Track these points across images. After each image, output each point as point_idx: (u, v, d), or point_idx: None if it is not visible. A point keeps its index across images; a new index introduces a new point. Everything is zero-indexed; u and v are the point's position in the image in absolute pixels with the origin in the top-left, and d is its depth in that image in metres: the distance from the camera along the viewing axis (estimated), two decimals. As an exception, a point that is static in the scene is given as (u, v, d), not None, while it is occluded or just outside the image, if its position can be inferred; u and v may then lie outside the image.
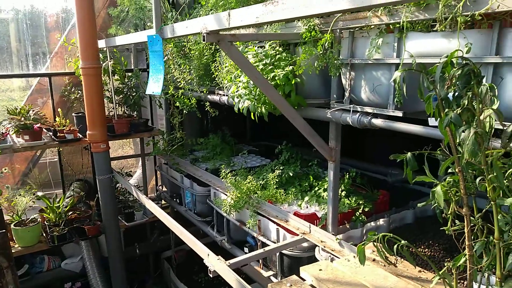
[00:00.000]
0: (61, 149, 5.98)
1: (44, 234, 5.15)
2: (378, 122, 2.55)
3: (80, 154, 6.43)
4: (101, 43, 5.05)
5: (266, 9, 1.99)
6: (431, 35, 2.18)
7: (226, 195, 4.13)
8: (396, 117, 2.46)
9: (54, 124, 5.40)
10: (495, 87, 1.47)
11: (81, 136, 5.30)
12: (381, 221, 3.36)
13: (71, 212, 5.32)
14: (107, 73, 5.38)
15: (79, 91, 5.70)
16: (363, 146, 5.31)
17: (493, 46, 1.89)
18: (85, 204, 5.96)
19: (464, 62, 1.42)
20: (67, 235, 5.08)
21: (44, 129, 5.24)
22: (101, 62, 5.13)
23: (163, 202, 6.28)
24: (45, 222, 5.12)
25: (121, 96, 5.63)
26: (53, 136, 5.20)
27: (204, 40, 2.55)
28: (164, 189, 6.14)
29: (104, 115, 5.13)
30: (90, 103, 4.97)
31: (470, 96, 1.41)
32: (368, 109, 2.63)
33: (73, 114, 5.67)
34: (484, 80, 1.94)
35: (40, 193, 5.48)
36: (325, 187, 3.70)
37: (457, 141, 1.48)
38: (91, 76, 4.89)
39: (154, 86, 3.24)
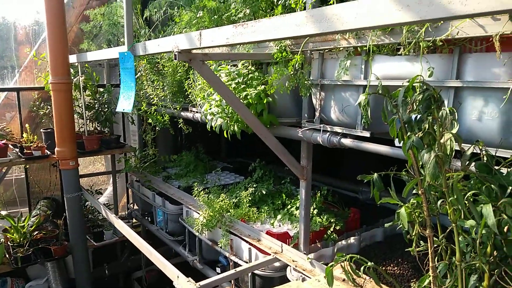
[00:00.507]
0: (28, 166, 5.77)
1: (7, 255, 4.91)
2: (347, 142, 2.59)
3: (48, 171, 6.22)
4: (73, 58, 4.96)
5: (236, 31, 2.00)
6: (396, 59, 2.25)
7: (199, 213, 4.07)
8: (364, 137, 2.51)
9: (21, 140, 5.21)
10: (455, 111, 1.53)
11: (49, 153, 5.14)
12: (351, 240, 3.38)
13: (36, 232, 5.10)
14: (78, 89, 5.27)
15: (49, 107, 5.55)
16: (335, 163, 5.38)
17: (454, 70, 1.97)
18: (52, 223, 5.74)
19: (425, 87, 1.47)
20: (32, 256, 4.86)
21: (10, 145, 5.06)
22: (72, 77, 5.03)
23: (134, 220, 6.13)
24: (9, 243, 4.89)
25: (92, 112, 5.52)
26: (19, 153, 5.01)
27: (175, 59, 2.55)
28: (136, 207, 5.99)
29: (73, 132, 5.00)
30: (59, 119, 4.84)
31: (431, 120, 1.45)
32: (337, 129, 2.68)
33: (41, 130, 5.50)
34: (446, 102, 2.02)
35: (4, 212, 5.24)
36: (298, 205, 3.71)
37: (420, 163, 1.52)
38: (61, 92, 4.77)
39: (125, 103, 3.19)
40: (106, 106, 5.50)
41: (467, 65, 1.93)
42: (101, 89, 5.67)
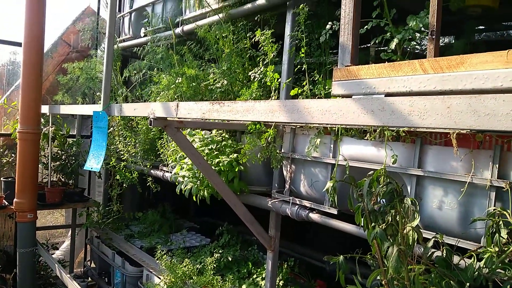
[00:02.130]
0: (-20, 215, 5.43)
1: None
2: (315, 217, 2.63)
3: (2, 219, 5.87)
4: (45, 109, 4.91)
5: (212, 108, 2.08)
6: (363, 143, 2.37)
7: (160, 278, 3.89)
8: (332, 214, 2.56)
9: (-23, 188, 4.95)
10: (417, 203, 1.61)
11: (7, 203, 4.88)
12: (317, 315, 3.30)
13: (-21, 290, 4.69)
14: (46, 139, 5.16)
15: (13, 155, 5.36)
16: (304, 230, 5.37)
17: (416, 159, 2.09)
18: (0, 279, 5.30)
19: (388, 180, 1.55)
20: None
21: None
22: (42, 127, 4.94)
23: (89, 279, 5.76)
24: None
25: (59, 163, 5.36)
26: (-27, 202, 4.74)
27: (150, 125, 2.58)
28: (93, 265, 5.66)
29: (35, 183, 4.81)
30: (22, 170, 4.67)
31: (394, 213, 1.51)
32: (306, 203, 2.72)
33: (1, 179, 5.26)
34: (408, 188, 2.12)
35: None
36: (264, 276, 3.63)
37: (383, 253, 1.56)
38: (28, 141, 4.65)
39: (94, 162, 3.14)
40: (73, 158, 5.37)
41: (428, 156, 2.06)
42: (71, 140, 5.57)
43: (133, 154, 4.63)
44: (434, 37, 1.91)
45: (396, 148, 2.17)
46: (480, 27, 3.70)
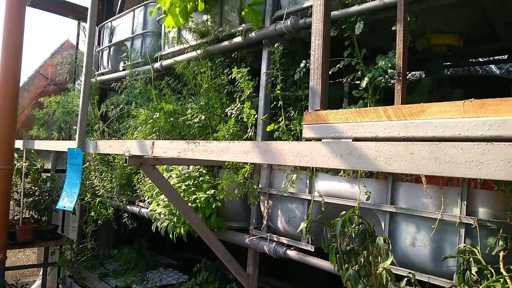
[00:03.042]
0: None
1: None
2: (292, 254, 2.61)
3: (-31, 260, 5.56)
4: (19, 144, 4.79)
5: (188, 147, 2.08)
6: (337, 179, 2.40)
7: (135, 320, 3.74)
8: (309, 251, 2.55)
9: None
10: (390, 242, 1.63)
11: (-27, 242, 4.65)
12: None
13: None
14: (19, 174, 5.01)
15: (-18, 191, 5.16)
16: (284, 266, 5.30)
17: (389, 195, 2.13)
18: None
19: (360, 220, 1.56)
20: None
21: None
22: (15, 161, 4.81)
23: (61, 322, 5.47)
24: None
25: (32, 199, 5.19)
26: None
27: (126, 163, 2.56)
28: (65, 306, 5.40)
29: (6, 221, 4.62)
30: (-8, 207, 4.49)
31: (366, 254, 1.52)
32: (284, 240, 2.71)
33: (-31, 216, 5.03)
34: (382, 224, 2.14)
35: None
36: (242, 314, 3.53)
37: (358, 294, 1.56)
38: (0, 178, 4.50)
39: (67, 201, 3.07)
40: (47, 194, 5.22)
41: (400, 192, 2.11)
42: (45, 175, 5.43)
43: (109, 189, 4.54)
44: (401, 78, 2.00)
45: (369, 185, 2.20)
46: (447, 63, 3.88)
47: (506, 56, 3.44)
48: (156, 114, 3.64)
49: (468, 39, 2.92)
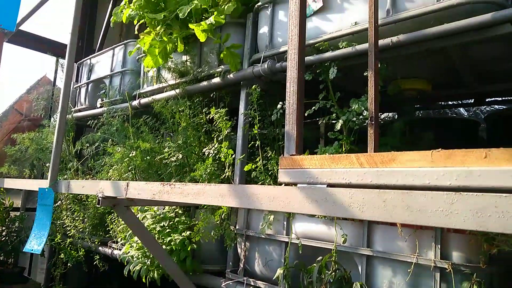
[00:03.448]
0: None
1: None
2: (269, 299, 2.54)
3: None
4: (-14, 181, 4.61)
5: (163, 189, 2.05)
6: (314, 220, 2.40)
7: None
8: (287, 295, 2.49)
9: None
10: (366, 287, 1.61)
11: None
12: None
13: None
14: (-15, 213, 4.79)
15: None
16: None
17: (365, 238, 2.13)
18: None
19: (337, 266, 1.55)
20: None
21: None
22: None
23: None
24: None
25: (-3, 239, 4.94)
26: None
27: (98, 204, 2.49)
28: None
29: (-33, 264, 4.36)
30: (-47, 249, 4.24)
31: (343, 301, 1.50)
32: (261, 284, 2.64)
33: None
34: (359, 268, 2.13)
35: None
36: None
37: None
38: (-37, 217, 4.29)
39: (35, 243, 2.92)
40: (15, 234, 4.97)
41: (376, 235, 2.11)
42: (14, 214, 5.20)
43: (80, 230, 4.38)
44: (373, 122, 2.06)
45: (346, 227, 2.20)
46: (418, 105, 4.05)
47: (472, 100, 3.62)
48: (133, 153, 3.60)
49: (436, 84, 3.06)
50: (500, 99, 3.66)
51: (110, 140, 4.30)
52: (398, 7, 2.24)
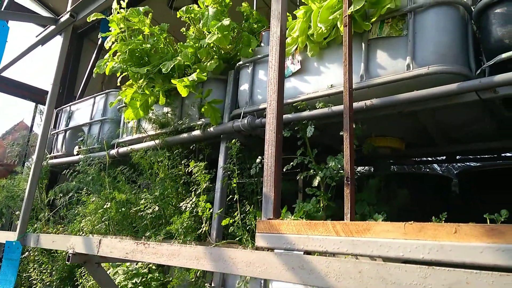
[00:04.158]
0: None
1: None
2: None
3: None
4: (-51, 231, 4.36)
5: (137, 248, 2.00)
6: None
7: None
8: None
9: None
10: None
11: None
12: None
13: None
14: None
15: None
16: None
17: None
18: None
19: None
20: None
21: None
22: None
23: None
24: None
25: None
26: None
27: (68, 261, 2.39)
28: None
29: None
30: None
31: None
32: None
33: None
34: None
35: None
36: None
37: None
38: None
39: (-4, 302, 2.74)
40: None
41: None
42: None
43: (47, 283, 4.14)
44: (349, 182, 2.10)
45: (324, 288, 2.17)
46: (393, 161, 4.17)
47: (444, 157, 3.76)
48: (107, 204, 3.51)
49: (409, 143, 3.19)
50: (470, 157, 3.82)
51: (85, 188, 4.20)
52: (371, 73, 2.38)
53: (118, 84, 3.77)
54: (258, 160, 2.96)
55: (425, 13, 2.20)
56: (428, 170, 4.62)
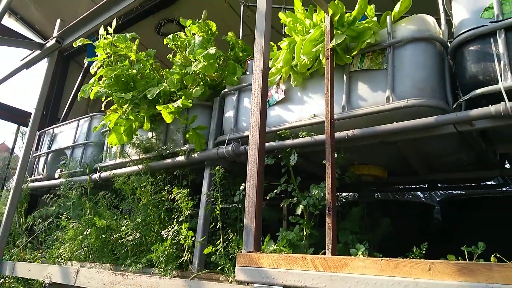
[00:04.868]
0: None
1: None
2: None
3: None
4: None
5: (115, 279, 1.95)
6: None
7: None
8: None
9: None
10: None
11: None
12: None
13: None
14: None
15: None
16: None
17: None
18: None
19: None
20: None
21: None
22: None
23: None
24: None
25: None
26: None
27: (43, 291, 2.31)
28: None
29: None
30: None
31: None
32: None
33: None
34: None
35: None
36: None
37: None
38: None
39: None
40: None
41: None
42: None
43: (21, 313, 3.97)
44: (331, 212, 2.12)
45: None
46: (376, 188, 4.21)
47: (426, 185, 3.82)
48: (87, 230, 3.43)
49: (391, 171, 3.24)
50: (452, 185, 3.89)
51: (65, 213, 4.11)
52: (353, 104, 2.43)
53: (103, 108, 3.76)
54: (242, 187, 2.95)
55: (404, 48, 2.28)
56: (411, 196, 4.67)
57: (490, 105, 1.93)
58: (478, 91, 1.99)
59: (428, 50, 2.27)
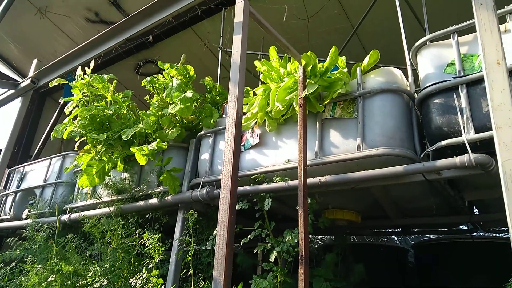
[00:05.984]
0: None
1: None
2: None
3: None
4: None
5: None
6: None
7: None
8: None
9: None
10: None
11: None
12: None
13: None
14: None
15: None
16: None
17: None
18: None
19: None
20: None
21: None
22: None
23: None
24: None
25: None
26: None
27: None
28: None
29: None
30: None
31: None
32: None
33: None
34: None
35: None
36: None
37: None
38: None
39: None
40: None
41: None
42: None
43: None
44: (303, 261, 2.10)
45: None
46: (351, 232, 4.21)
47: (400, 229, 3.85)
48: (52, 277, 3.26)
49: (365, 215, 3.26)
50: (424, 230, 3.94)
51: (30, 257, 3.90)
52: (325, 151, 2.48)
53: (76, 149, 3.69)
54: (215, 232, 2.90)
55: (373, 98, 2.37)
56: (386, 239, 4.69)
57: (455, 156, 2.00)
58: (443, 142, 2.06)
59: (396, 101, 2.36)
